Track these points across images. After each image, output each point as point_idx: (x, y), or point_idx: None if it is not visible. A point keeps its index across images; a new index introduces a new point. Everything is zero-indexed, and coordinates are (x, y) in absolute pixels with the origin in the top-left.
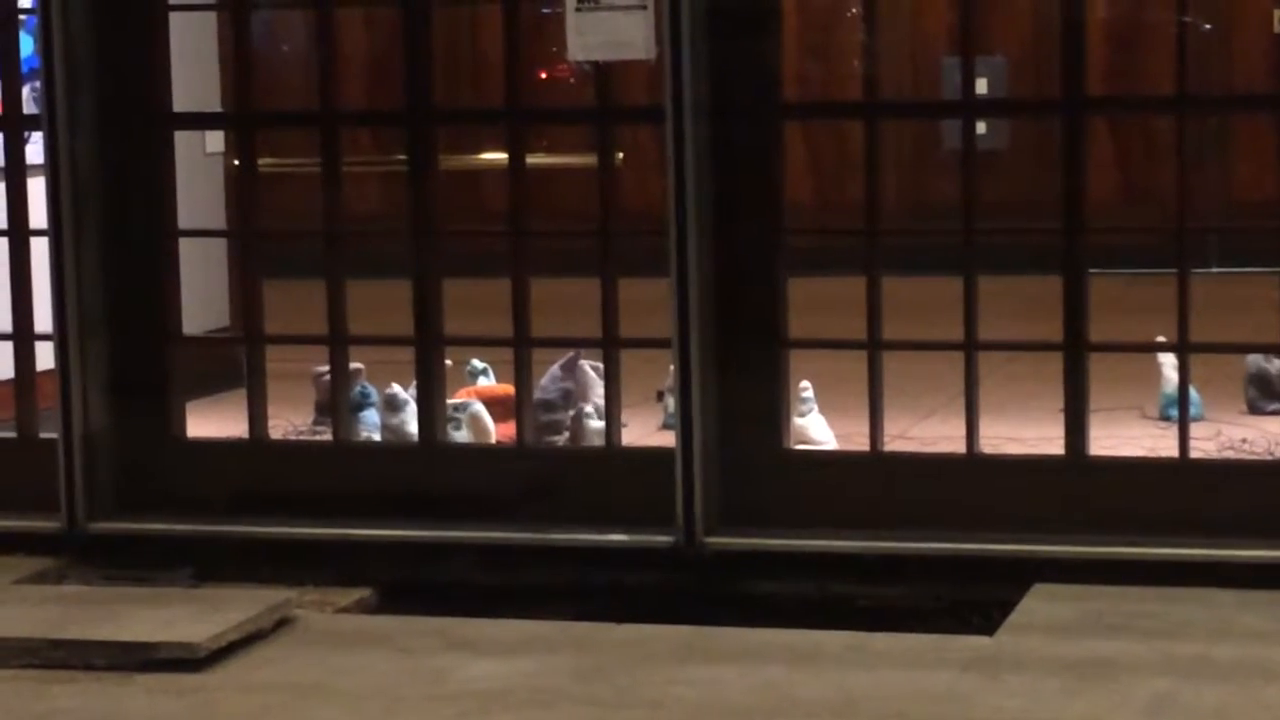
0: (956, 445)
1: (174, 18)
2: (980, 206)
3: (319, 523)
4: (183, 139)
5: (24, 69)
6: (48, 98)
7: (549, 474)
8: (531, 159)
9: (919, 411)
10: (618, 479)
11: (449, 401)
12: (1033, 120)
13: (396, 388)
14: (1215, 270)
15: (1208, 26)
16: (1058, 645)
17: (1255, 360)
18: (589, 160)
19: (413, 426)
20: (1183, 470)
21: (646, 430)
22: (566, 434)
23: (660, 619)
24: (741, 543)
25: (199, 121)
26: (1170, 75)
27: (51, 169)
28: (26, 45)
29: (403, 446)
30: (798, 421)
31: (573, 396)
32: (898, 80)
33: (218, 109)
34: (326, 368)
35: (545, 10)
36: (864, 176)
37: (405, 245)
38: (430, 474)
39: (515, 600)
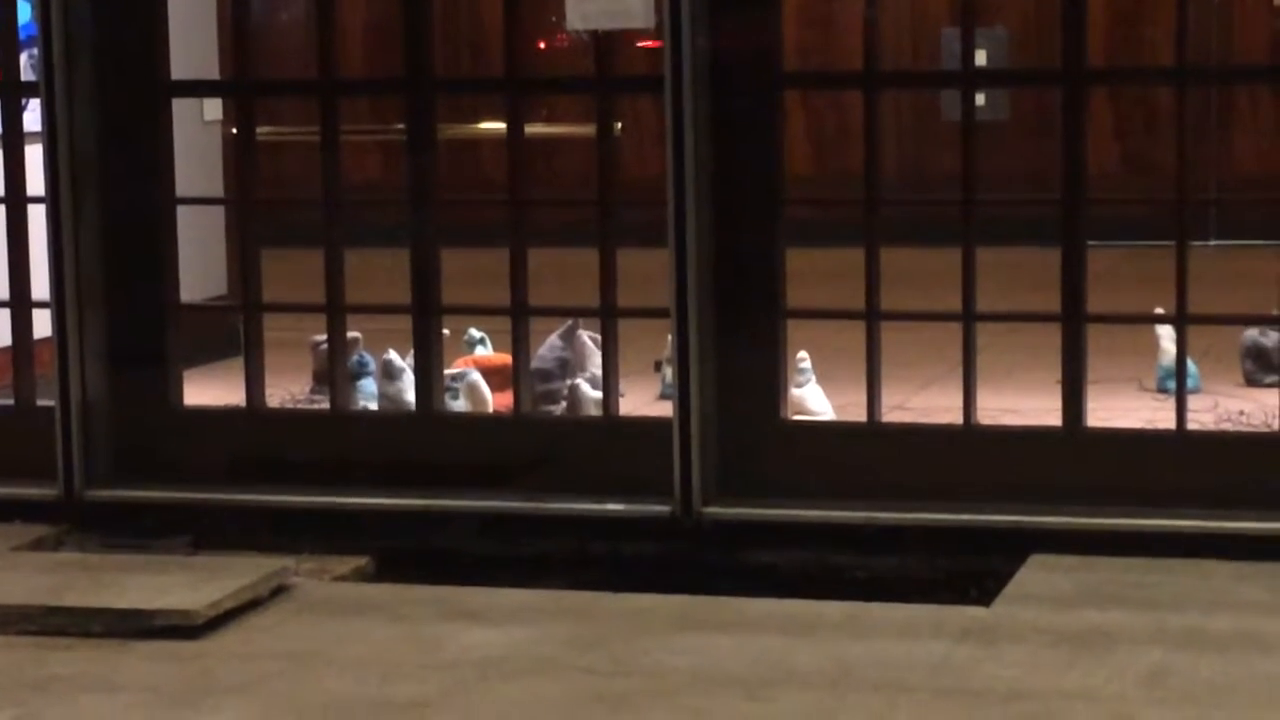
0: (954, 416)
1: None
2: (979, 177)
3: (316, 491)
4: (181, 107)
5: (22, 36)
6: (45, 65)
7: (546, 443)
8: (530, 128)
9: (917, 382)
10: (615, 449)
11: (446, 371)
12: (1033, 91)
13: (394, 356)
14: (1214, 243)
15: None
16: (1054, 616)
17: (1251, 334)
18: (588, 130)
19: (410, 395)
20: (1180, 442)
21: (644, 400)
22: (564, 403)
23: (657, 589)
24: (739, 513)
25: (197, 89)
26: (1170, 47)
27: (49, 137)
28: (24, 12)
29: (400, 415)
30: (795, 392)
31: (570, 366)
32: (898, 51)
33: (216, 77)
34: (324, 336)
35: None
36: (863, 147)
37: (403, 214)
38: (427, 443)
39: (512, 569)
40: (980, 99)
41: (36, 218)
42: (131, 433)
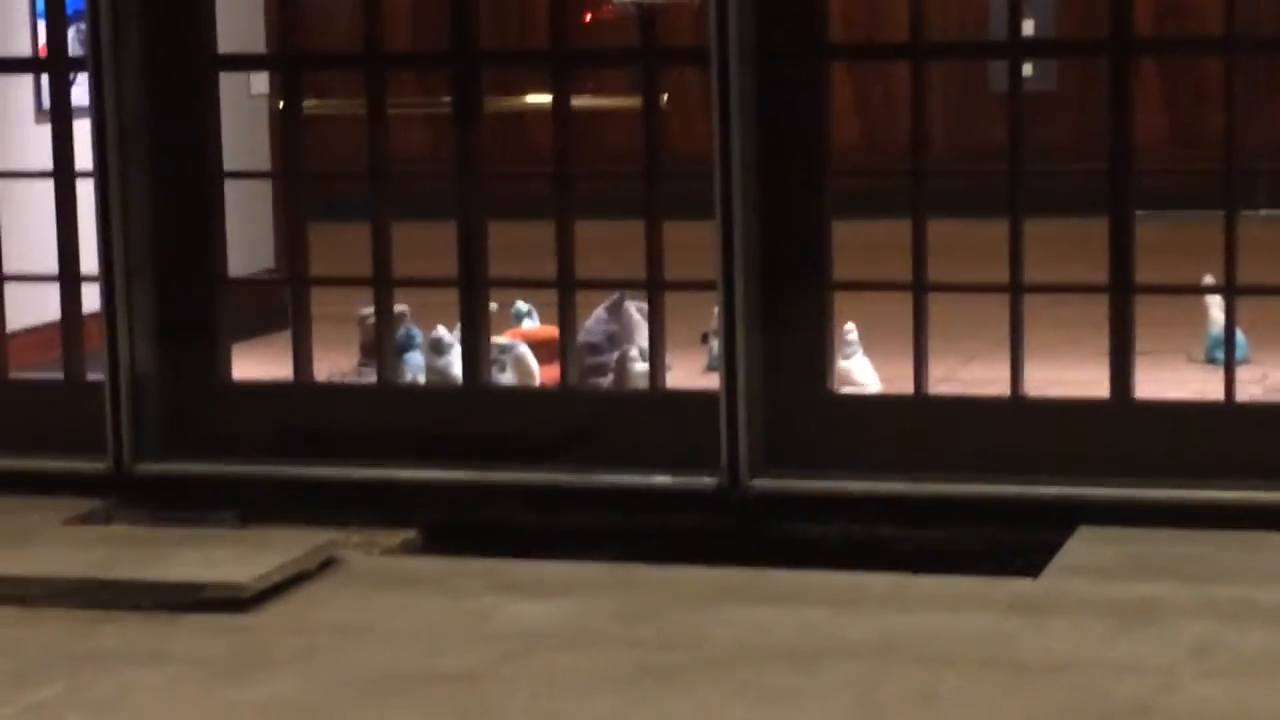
0: (1001, 388)
1: None
2: (1027, 148)
3: (364, 464)
4: (228, 80)
5: (69, 10)
6: (93, 39)
7: (593, 416)
8: (576, 101)
9: (963, 354)
10: (662, 421)
11: (494, 342)
12: (1080, 61)
13: (441, 330)
14: (1263, 212)
15: None
16: (1102, 588)
17: None
18: (634, 102)
19: (457, 369)
20: (1228, 413)
21: (691, 373)
22: (611, 376)
23: (704, 561)
24: (785, 485)
25: (244, 63)
26: (1219, 15)
27: (97, 111)
28: None
29: (447, 389)
30: (842, 364)
31: (617, 339)
32: (944, 21)
33: (262, 50)
34: (371, 310)
35: None
36: (910, 118)
37: (450, 187)
38: (474, 416)
39: (559, 542)
40: (1028, 69)
41: (85, 192)
42: (180, 407)
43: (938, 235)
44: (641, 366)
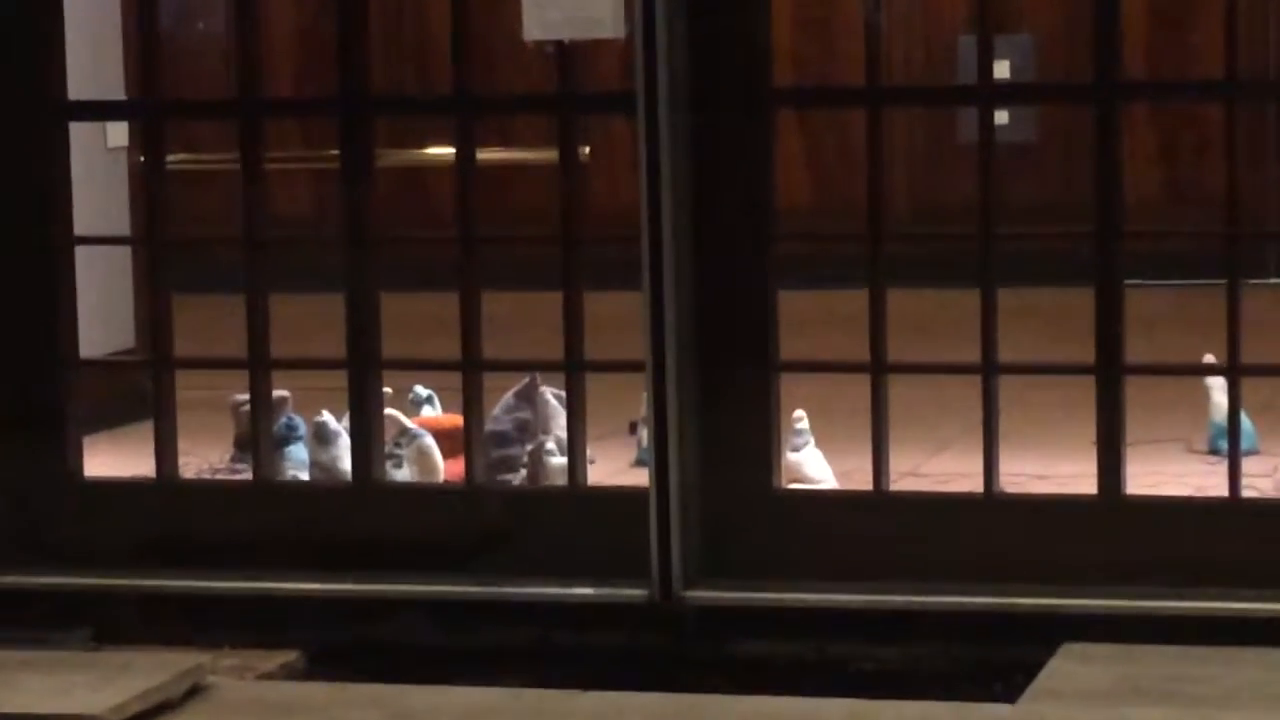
0: (974, 484)
1: None
2: (1001, 208)
3: (238, 575)
4: (80, 132)
5: None
6: None
7: (504, 518)
8: (483, 154)
9: (930, 445)
10: (583, 523)
11: (390, 426)
12: (1063, 108)
13: (328, 418)
14: (1273, 280)
15: None
16: (1090, 714)
17: None
18: (550, 156)
19: (346, 463)
20: (1234, 512)
21: (617, 467)
22: (524, 472)
23: (634, 685)
24: (727, 597)
25: (99, 111)
26: (1220, 56)
27: None
28: None
29: (334, 486)
30: (791, 457)
31: (531, 428)
32: (907, 62)
33: (121, 97)
34: (246, 396)
35: None
36: (867, 174)
37: (337, 254)
38: (366, 518)
39: (466, 664)
40: (1002, 117)
41: None
42: (25, 508)
43: (900, 308)
44: (559, 460)
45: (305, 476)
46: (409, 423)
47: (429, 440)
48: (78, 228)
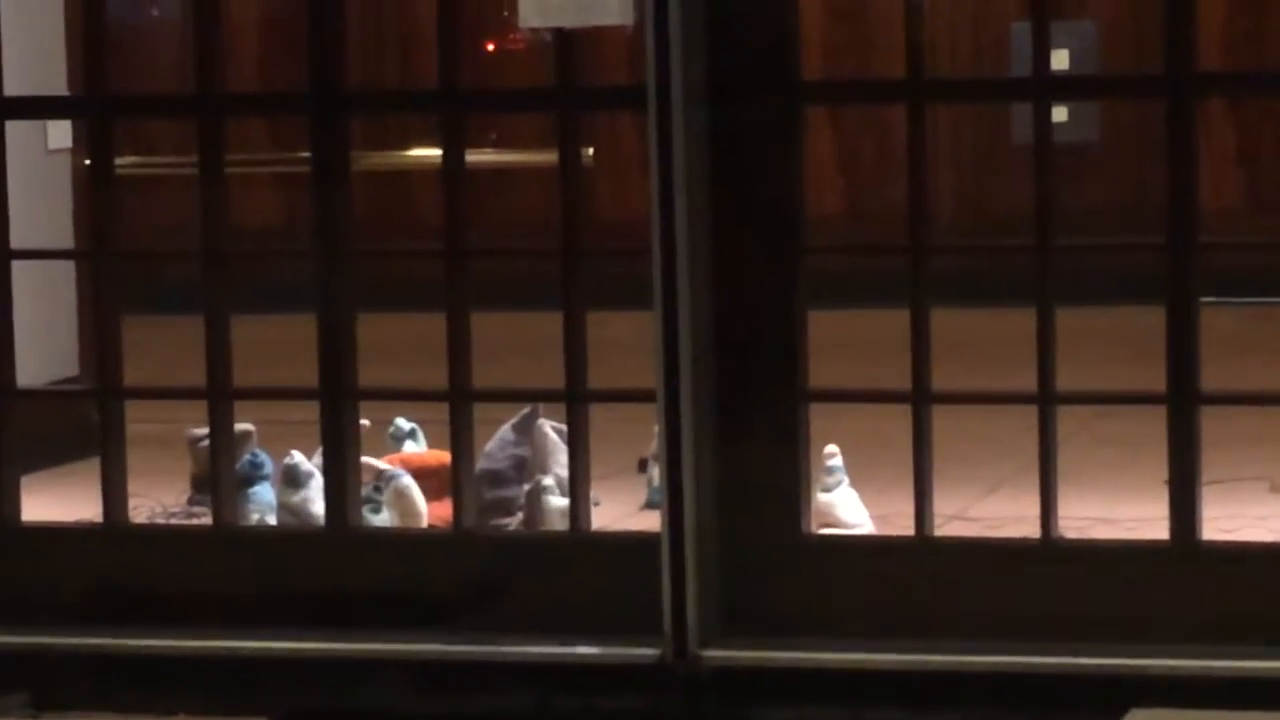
0: (1029, 529)
1: None
2: (1060, 217)
3: (196, 633)
4: (17, 131)
5: None
6: None
7: (497, 568)
8: (474, 156)
9: (981, 485)
10: (587, 574)
11: (368, 468)
12: (1130, 104)
13: (297, 456)
14: None
15: None
16: None
17: None
18: (549, 158)
19: (318, 506)
20: None
21: (625, 510)
22: (520, 515)
23: None
24: (748, 656)
25: (39, 108)
26: None
27: None
28: None
29: (306, 532)
30: (822, 498)
31: (528, 466)
32: (954, 52)
33: (63, 92)
34: (205, 430)
35: None
36: (908, 178)
37: (309, 269)
38: (342, 568)
39: None
40: (1060, 114)
41: None
42: None
43: (945, 329)
44: (560, 502)
45: (272, 521)
46: (383, 465)
47: (406, 480)
48: (14, 240)
